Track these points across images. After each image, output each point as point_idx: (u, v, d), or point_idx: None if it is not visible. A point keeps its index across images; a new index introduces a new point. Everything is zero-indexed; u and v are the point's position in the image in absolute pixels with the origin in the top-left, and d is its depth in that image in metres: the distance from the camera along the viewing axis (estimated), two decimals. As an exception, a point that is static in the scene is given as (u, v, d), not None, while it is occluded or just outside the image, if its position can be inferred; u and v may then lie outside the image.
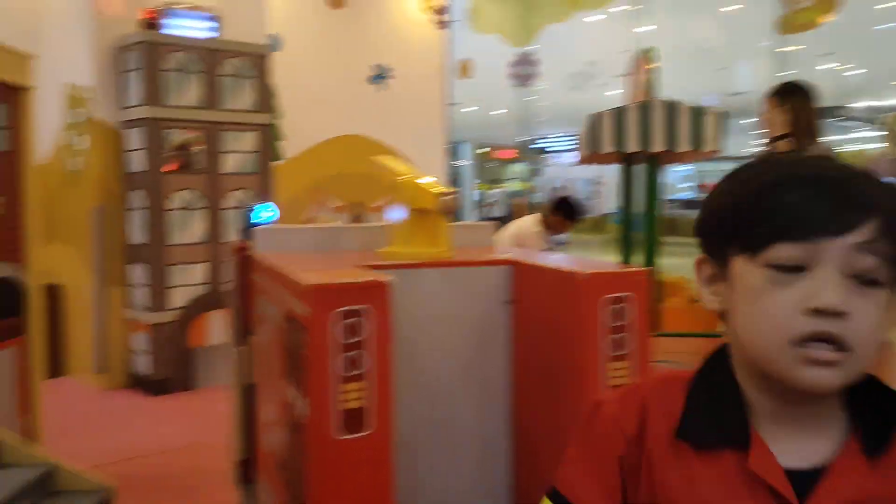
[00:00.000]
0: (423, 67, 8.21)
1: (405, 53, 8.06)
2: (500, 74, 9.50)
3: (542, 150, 24.23)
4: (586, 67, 9.84)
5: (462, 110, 10.13)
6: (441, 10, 8.36)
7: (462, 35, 8.38)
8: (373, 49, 7.82)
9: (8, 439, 3.31)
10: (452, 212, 2.31)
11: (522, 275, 2.42)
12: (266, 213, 3.32)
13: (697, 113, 4.54)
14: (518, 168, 28.89)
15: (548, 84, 10.24)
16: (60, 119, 5.70)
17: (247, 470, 3.25)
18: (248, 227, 3.32)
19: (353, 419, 1.84)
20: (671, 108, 4.54)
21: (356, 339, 1.83)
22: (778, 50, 9.78)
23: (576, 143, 5.47)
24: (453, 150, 8.31)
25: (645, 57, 4.90)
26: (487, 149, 27.77)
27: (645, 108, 4.56)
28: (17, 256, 3.75)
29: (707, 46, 9.81)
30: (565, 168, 25.64)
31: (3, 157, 3.62)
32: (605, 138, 4.58)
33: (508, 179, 29.10)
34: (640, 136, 4.47)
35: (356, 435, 1.83)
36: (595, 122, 4.67)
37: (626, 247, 5.16)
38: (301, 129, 7.07)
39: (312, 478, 1.82)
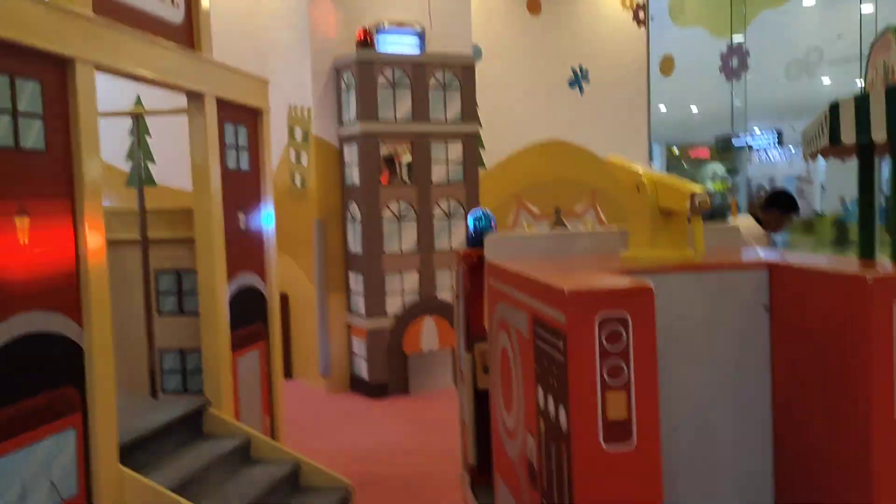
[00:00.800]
0: (622, 67, 7.99)
1: (603, 54, 7.89)
2: (704, 69, 9.04)
3: (744, 147, 22.87)
4: (802, 55, 9.09)
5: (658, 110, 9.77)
6: (640, 7, 8.10)
7: (663, 30, 8.08)
8: (571, 52, 7.72)
9: (259, 436, 3.57)
10: (706, 212, 2.17)
11: (783, 278, 2.22)
12: (487, 221, 3.34)
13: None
14: (714, 167, 27.50)
15: (758, 76, 9.60)
16: (286, 139, 6.12)
17: (479, 474, 3.27)
18: (473, 236, 3.35)
19: (619, 430, 1.76)
20: (924, 90, 4.02)
21: (619, 348, 1.76)
22: None
23: (798, 137, 5.01)
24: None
25: (890, 37, 4.39)
26: (675, 148, 26.68)
27: (892, 92, 4.08)
28: (260, 268, 4.04)
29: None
30: (768, 165, 24.04)
31: (245, 177, 3.92)
32: (845, 128, 4.15)
33: (704, 179, 27.76)
34: (891, 123, 4.00)
35: (622, 446, 1.75)
36: (834, 110, 4.25)
37: (869, 247, 4.65)
38: (502, 137, 7.12)
39: (579, 488, 1.75)
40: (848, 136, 4.23)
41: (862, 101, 4.19)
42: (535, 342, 2.02)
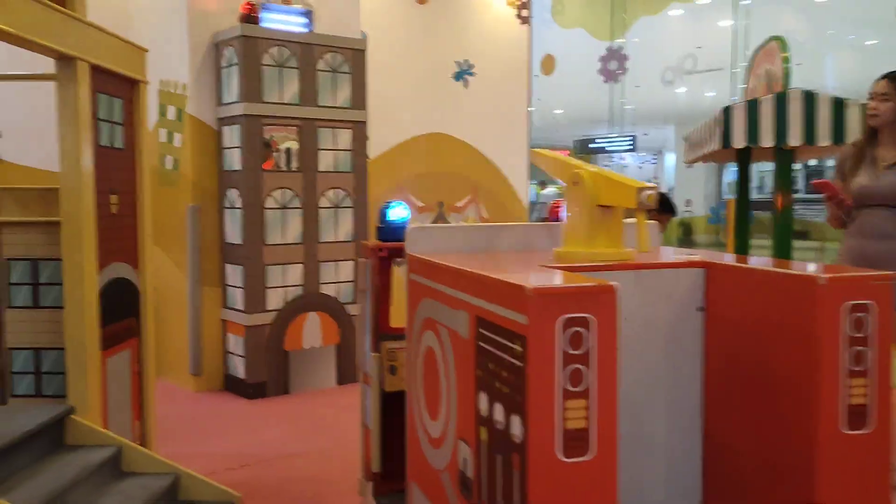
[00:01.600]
0: (505, 64, 7.99)
1: (487, 50, 7.85)
2: (581, 71, 9.22)
3: (600, 151, 23.81)
4: (678, 62, 9.47)
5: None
6: (523, 4, 8.13)
7: (545, 30, 8.17)
8: (456, 45, 7.63)
9: (131, 446, 3.19)
10: (653, 209, 2.09)
11: (718, 277, 2.19)
12: (399, 211, 3.14)
13: (839, 105, 4.24)
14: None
15: (636, 80, 9.90)
16: (155, 117, 5.62)
17: (384, 482, 3.08)
18: (386, 228, 3.14)
19: (576, 440, 1.64)
20: (809, 99, 4.24)
21: (580, 352, 1.63)
22: (868, 43, 9.33)
23: (648, 143, 5.16)
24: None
25: (774, 46, 4.60)
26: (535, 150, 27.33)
27: (781, 99, 4.27)
28: (132, 257, 3.63)
29: (796, 39, 9.45)
30: (620, 168, 25.16)
31: (118, 155, 3.51)
32: (736, 133, 4.30)
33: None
34: (775, 129, 4.18)
35: (580, 458, 1.63)
36: (722, 116, 4.39)
37: (742, 246, 4.86)
38: (386, 127, 6.91)
39: (534, 500, 1.61)
40: (739, 140, 4.40)
41: (752, 108, 4.37)
42: (479, 344, 1.86)
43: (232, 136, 5.25)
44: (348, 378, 5.51)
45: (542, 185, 28.33)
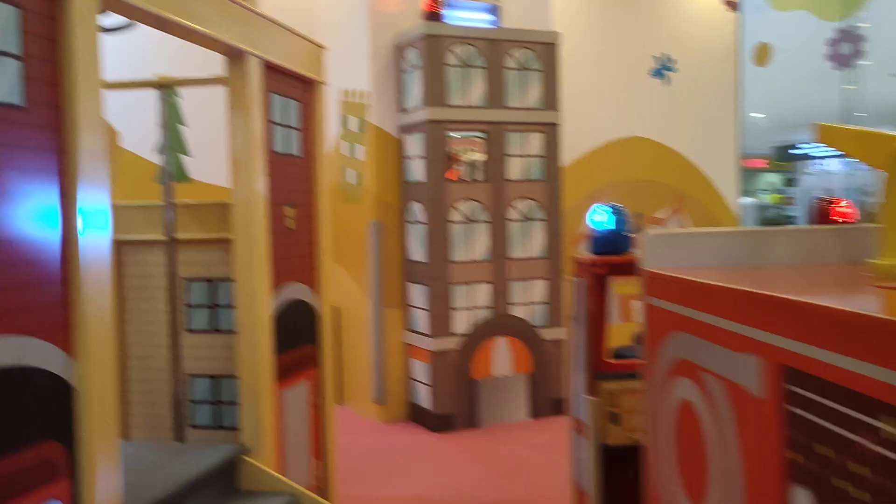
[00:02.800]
0: (710, 56, 7.10)
1: (690, 42, 7.01)
2: (802, 60, 7.96)
3: (803, 157, 21.62)
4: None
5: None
6: (731, -11, 7.21)
7: (758, 16, 7.20)
8: (654, 39, 6.86)
9: (309, 496, 2.78)
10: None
11: None
12: (618, 217, 2.52)
13: None
14: (770, 178, 26.24)
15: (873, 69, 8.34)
16: (337, 129, 5.37)
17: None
18: (601, 238, 2.53)
19: None
20: None
21: None
22: None
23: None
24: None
25: None
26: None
27: None
28: (309, 277, 3.27)
29: None
30: (825, 176, 22.78)
31: (295, 163, 3.16)
32: None
33: (760, 191, 26.49)
34: None
35: None
36: None
37: None
38: (578, 131, 6.27)
39: None
40: None
41: None
42: (789, 410, 1.20)
43: (414, 144, 4.85)
44: (543, 411, 4.91)
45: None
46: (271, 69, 2.90)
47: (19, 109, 1.71)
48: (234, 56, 2.70)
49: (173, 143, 4.68)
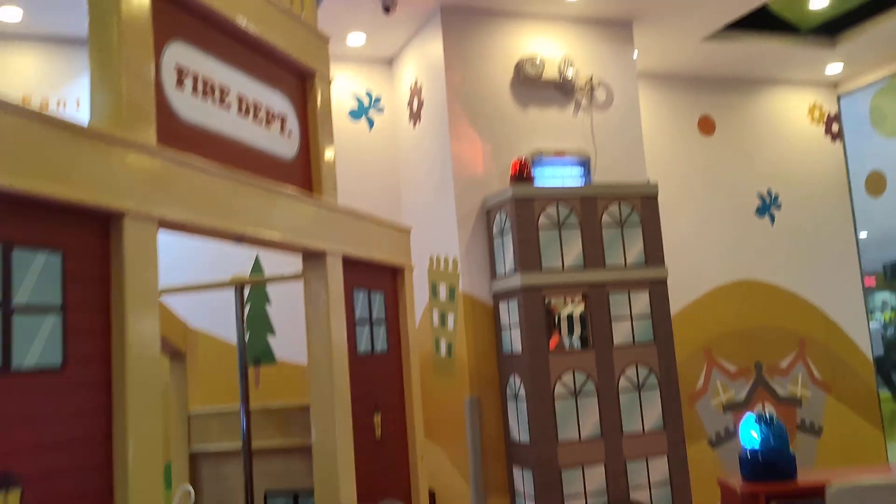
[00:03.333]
0: (817, 189, 6.64)
1: (794, 175, 6.59)
2: None
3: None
4: None
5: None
6: (832, 118, 6.82)
7: (865, 144, 6.75)
8: (754, 175, 6.47)
9: None
10: None
11: None
12: (756, 433, 2.05)
13: None
14: (883, 296, 24.56)
15: None
16: (426, 297, 5.09)
17: None
18: (758, 458, 2.04)
19: None
20: None
21: None
22: None
23: None
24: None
25: None
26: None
27: None
28: (404, 492, 2.86)
29: None
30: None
31: (381, 361, 2.83)
32: None
33: (875, 310, 24.74)
34: None
35: None
36: None
37: None
38: (682, 279, 5.81)
39: None
40: None
41: None
42: None
43: (509, 312, 4.50)
44: None
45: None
46: (353, 264, 2.64)
47: (57, 372, 1.44)
48: (311, 255, 2.45)
49: (258, 324, 4.48)
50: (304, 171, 2.43)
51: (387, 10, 4.61)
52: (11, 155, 1.34)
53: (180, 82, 1.88)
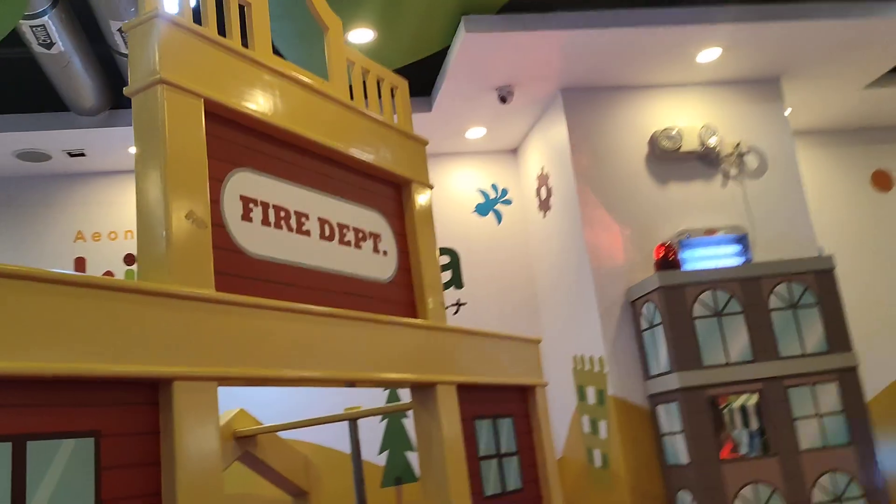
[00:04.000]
0: None
1: None
2: None
3: None
4: None
5: None
6: None
7: None
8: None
9: None
10: None
11: None
12: None
13: None
14: None
15: None
16: (573, 402, 4.62)
17: None
18: None
19: None
20: None
21: None
22: None
23: None
24: None
25: None
26: None
27: None
28: None
29: None
30: None
31: (515, 499, 2.42)
32: None
33: None
34: None
35: None
36: None
37: None
38: (874, 358, 4.99)
39: None
40: None
41: None
42: None
43: (670, 417, 3.94)
44: None
45: None
46: (471, 390, 2.30)
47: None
48: (419, 388, 2.13)
49: (396, 441, 4.18)
50: (403, 293, 2.15)
51: (503, 100, 4.39)
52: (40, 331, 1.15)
53: (247, 215, 1.66)
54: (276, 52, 1.95)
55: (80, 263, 4.76)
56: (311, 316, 1.69)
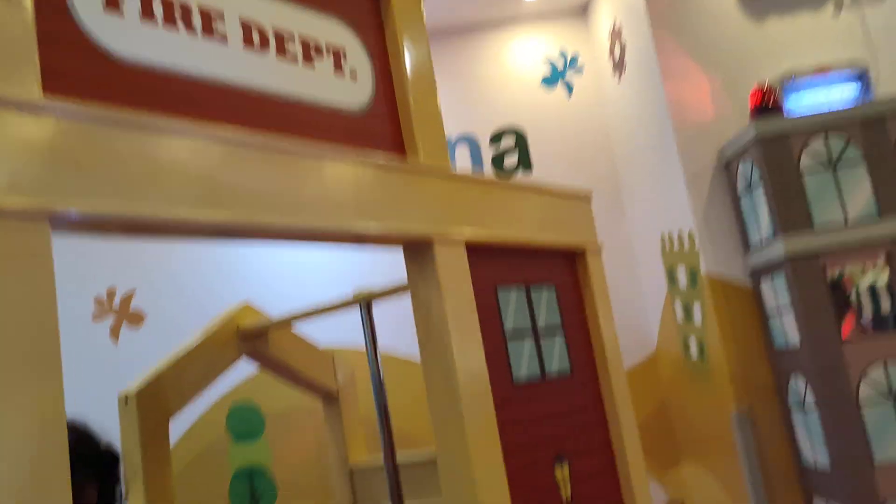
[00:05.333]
0: None
1: None
2: None
3: None
4: None
5: None
6: None
7: None
8: None
9: None
10: None
11: None
12: None
13: None
14: None
15: None
16: (663, 287, 4.04)
17: None
18: None
19: None
20: None
21: None
22: None
23: None
24: None
25: None
26: None
27: None
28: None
29: None
30: None
31: (559, 388, 1.93)
32: None
33: None
34: None
35: None
36: None
37: None
38: None
39: None
40: None
41: None
42: None
43: (776, 293, 3.31)
44: None
45: None
46: (491, 252, 1.80)
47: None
48: (413, 247, 1.65)
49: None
50: (384, 127, 1.65)
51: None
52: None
53: (114, 4, 1.21)
54: None
55: None
56: (215, 142, 1.23)
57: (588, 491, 1.90)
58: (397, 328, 2.96)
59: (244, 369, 3.44)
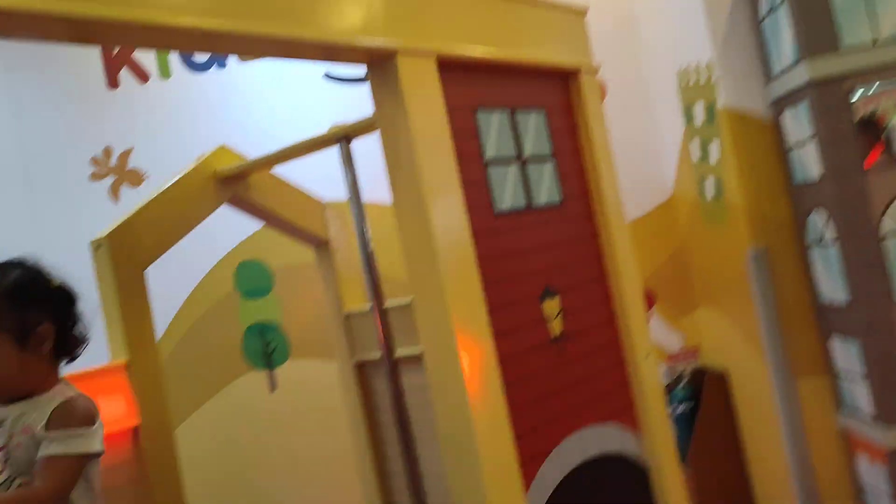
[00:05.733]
0: None
1: None
2: None
3: None
4: None
5: None
6: None
7: None
8: None
9: None
10: None
11: None
12: None
13: None
14: None
15: None
16: (679, 125, 3.83)
17: None
18: None
19: None
20: None
21: None
22: None
23: None
24: None
25: None
26: None
27: None
28: (623, 410, 1.87)
29: None
30: None
31: (548, 219, 1.80)
32: None
33: None
34: None
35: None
36: None
37: None
38: None
39: None
40: None
41: None
42: None
43: (798, 123, 3.09)
44: None
45: None
46: (468, 69, 1.62)
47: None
48: (376, 61, 1.48)
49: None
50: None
51: None
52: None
53: None
54: None
55: None
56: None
57: (579, 326, 1.80)
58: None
59: (249, 226, 3.34)
